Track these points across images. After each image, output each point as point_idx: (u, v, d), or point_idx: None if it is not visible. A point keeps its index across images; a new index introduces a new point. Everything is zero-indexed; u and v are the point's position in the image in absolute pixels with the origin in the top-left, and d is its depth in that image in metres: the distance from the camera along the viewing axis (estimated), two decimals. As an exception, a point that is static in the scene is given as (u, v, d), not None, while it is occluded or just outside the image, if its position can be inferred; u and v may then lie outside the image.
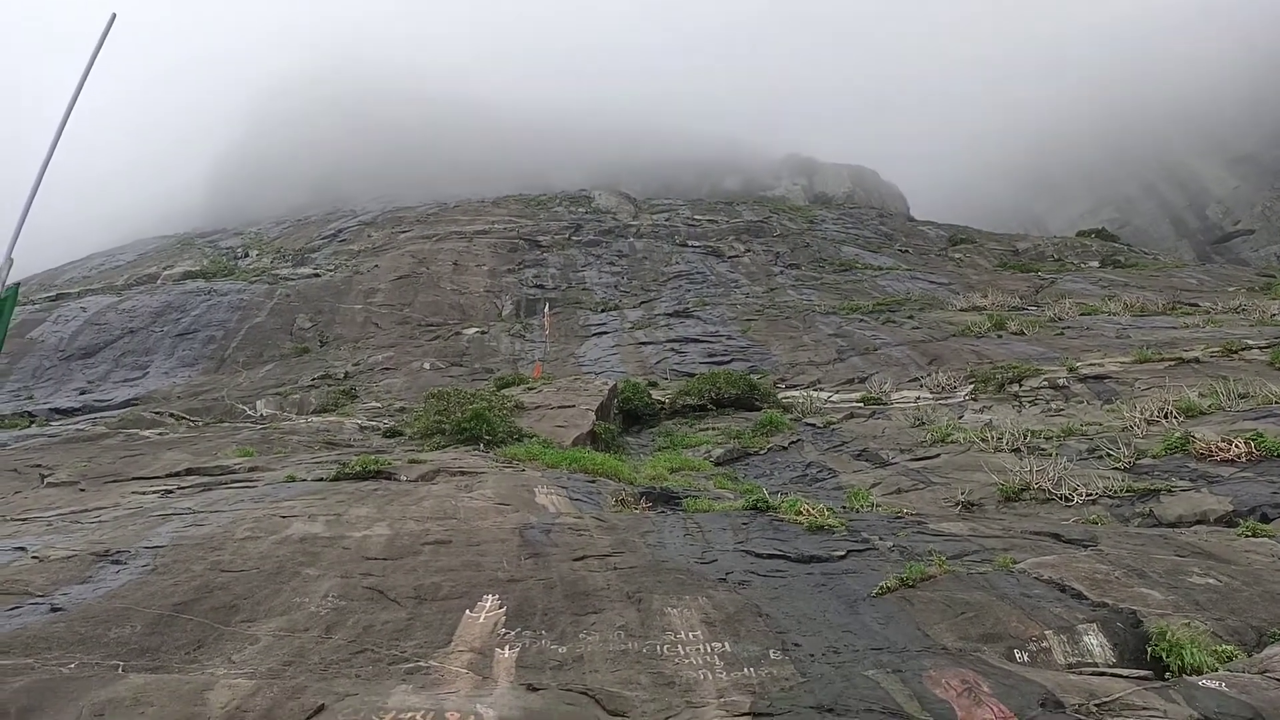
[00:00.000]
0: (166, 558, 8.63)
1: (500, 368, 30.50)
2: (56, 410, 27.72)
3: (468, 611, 7.26)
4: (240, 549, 8.94)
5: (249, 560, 8.56)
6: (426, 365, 31.77)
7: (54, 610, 7.30)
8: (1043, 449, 14.44)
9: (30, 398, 29.65)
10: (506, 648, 6.55)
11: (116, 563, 8.56)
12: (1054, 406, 17.90)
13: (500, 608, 7.33)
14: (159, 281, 45.46)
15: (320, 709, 5.44)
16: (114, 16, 3.69)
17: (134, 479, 14.29)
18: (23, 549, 9.11)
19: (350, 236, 53.83)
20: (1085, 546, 8.67)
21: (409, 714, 5.38)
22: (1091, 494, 11.62)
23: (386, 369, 31.91)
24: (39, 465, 15.79)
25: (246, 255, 52.96)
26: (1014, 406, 18.37)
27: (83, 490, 13.52)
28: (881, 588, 7.40)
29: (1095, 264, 47.18)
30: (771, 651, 6.27)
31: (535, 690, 5.86)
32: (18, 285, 2.99)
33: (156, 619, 7.03)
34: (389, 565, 8.50)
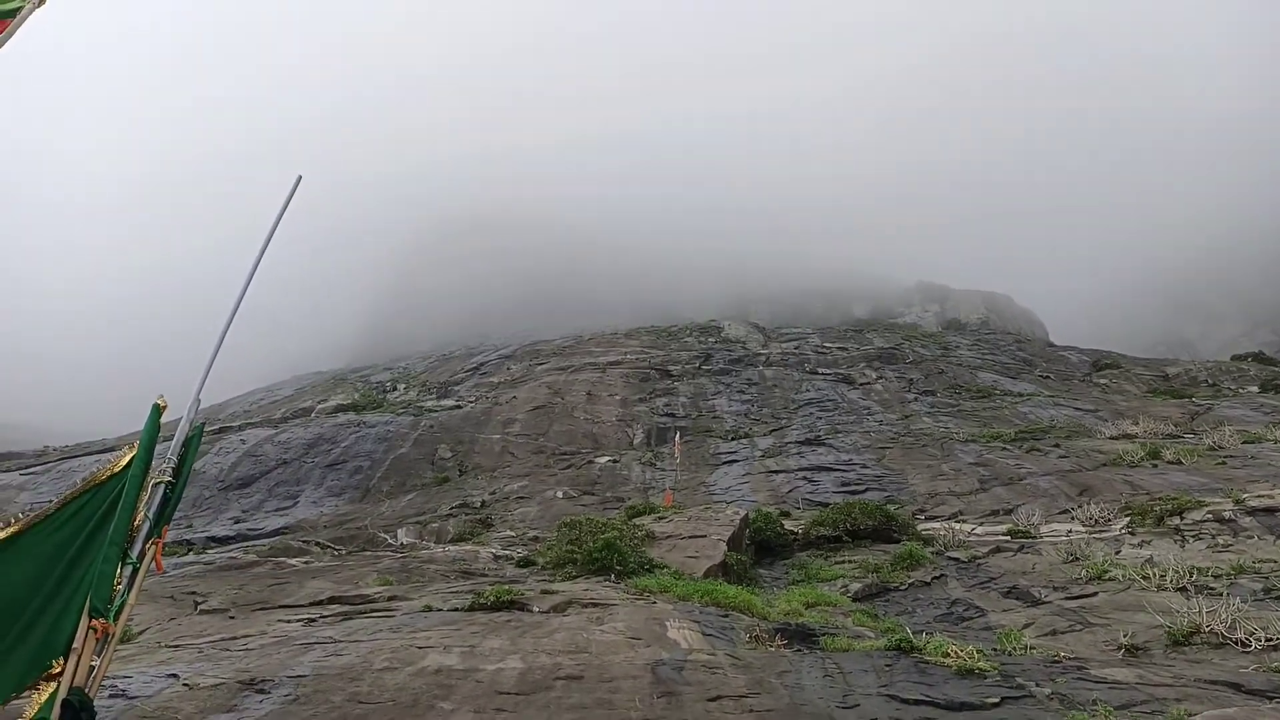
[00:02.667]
0: (308, 687, 8.88)
1: (631, 496, 30.58)
2: (213, 539, 29.46)
3: (599, 754, 7.08)
4: (378, 680, 9.10)
5: (385, 692, 8.69)
6: (559, 494, 32.21)
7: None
8: (1212, 588, 13.15)
9: (190, 526, 31.66)
10: (639, 793, 6.32)
11: (261, 692, 8.86)
12: (1221, 541, 16.37)
13: (632, 751, 7.12)
14: (313, 414, 48.47)
15: None
16: (299, 179, 4.15)
17: (280, 606, 14.89)
18: (175, 676, 9.57)
19: (491, 370, 56.22)
20: (1271, 699, 7.74)
21: None
22: (1272, 639, 10.43)
23: (521, 497, 32.53)
24: (194, 593, 16.70)
25: (395, 389, 55.99)
26: (1176, 541, 16.91)
27: (232, 618, 14.17)
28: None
29: (1255, 389, 43.81)
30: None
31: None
32: (203, 425, 3.30)
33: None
34: (521, 700, 8.45)
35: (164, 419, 3.36)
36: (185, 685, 9.06)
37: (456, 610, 13.12)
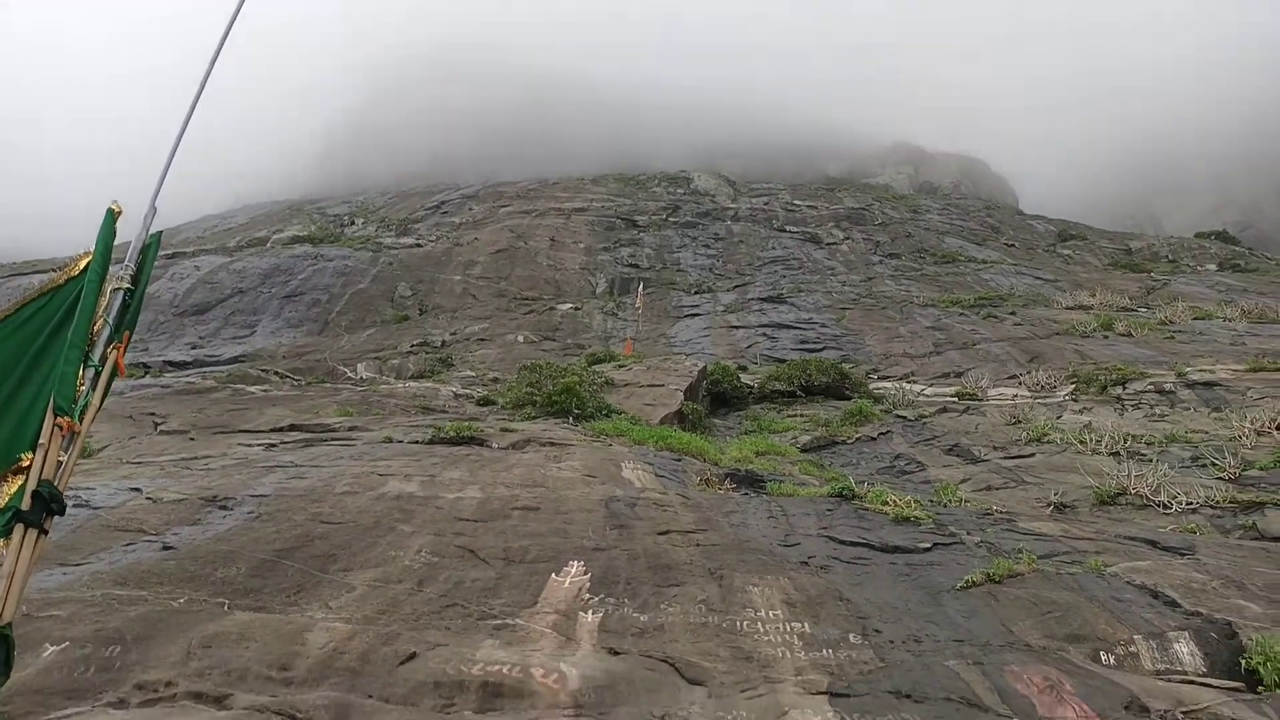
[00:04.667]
0: (270, 506, 9.10)
1: (592, 344, 30.82)
2: (170, 363, 29.35)
3: (554, 575, 7.44)
4: (339, 502, 9.35)
5: (347, 513, 8.95)
6: (520, 338, 32.36)
7: (165, 548, 7.80)
8: (1143, 454, 13.83)
9: (146, 350, 31.41)
10: (590, 612, 6.70)
11: (224, 508, 9.07)
12: (1158, 412, 17.08)
13: (585, 574, 7.48)
14: (268, 245, 47.46)
15: (412, 656, 5.68)
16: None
17: (240, 431, 15.04)
18: (138, 490, 9.74)
19: (452, 209, 55.05)
20: (1182, 555, 8.31)
21: (496, 667, 5.57)
22: (1192, 503, 11.10)
23: (482, 339, 32.64)
24: (153, 414, 16.75)
25: (353, 223, 54.76)
26: (1115, 410, 17.61)
27: (192, 439, 14.31)
28: (967, 581, 7.25)
29: (1213, 267, 44.59)
30: (851, 635, 6.24)
31: (616, 654, 5.98)
32: (160, 233, 3.20)
33: (260, 563, 7.44)
34: (479, 527, 8.77)
35: (119, 225, 3.26)
36: (149, 499, 9.23)
37: (417, 443, 13.38)
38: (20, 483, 2.61)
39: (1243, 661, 5.85)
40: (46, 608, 6.05)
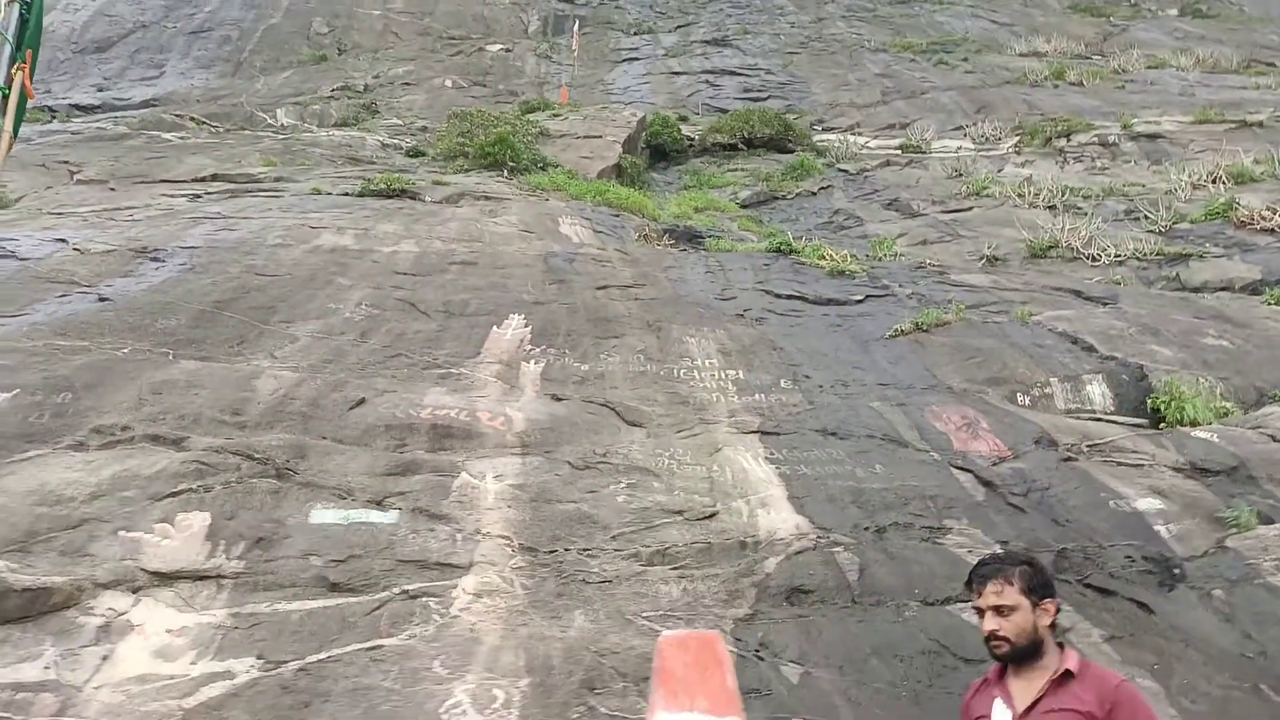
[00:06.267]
0: (203, 258, 8.88)
1: (525, 90, 29.38)
2: (76, 106, 27.22)
3: (495, 328, 7.57)
4: (273, 255, 9.16)
5: (282, 266, 8.81)
6: (448, 83, 30.59)
7: (101, 300, 7.64)
8: (1079, 208, 14.14)
9: (49, 91, 28.98)
10: (532, 362, 6.90)
11: (155, 260, 8.82)
12: (1100, 165, 17.30)
13: (526, 326, 7.62)
14: (167, -28, 42.77)
15: (361, 401, 5.85)
16: None
17: (161, 181, 14.33)
18: (63, 241, 9.35)
19: (367, -66, 49.72)
20: (1104, 304, 8.77)
21: (444, 411, 5.79)
22: (1120, 255, 11.54)
23: (407, 84, 30.80)
24: (66, 162, 15.78)
25: (257, -51, 49.30)
26: (1058, 162, 17.77)
27: (113, 190, 13.62)
28: (895, 330, 7.61)
29: (1174, 11, 43.37)
30: (782, 381, 6.59)
31: (559, 400, 6.25)
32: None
33: (199, 314, 7.37)
34: (418, 280, 8.74)
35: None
36: (76, 250, 8.90)
37: (347, 195, 12.95)
38: None
39: (1149, 401, 6.38)
40: (-17, 359, 5.99)
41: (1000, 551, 4.13)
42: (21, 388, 5.60)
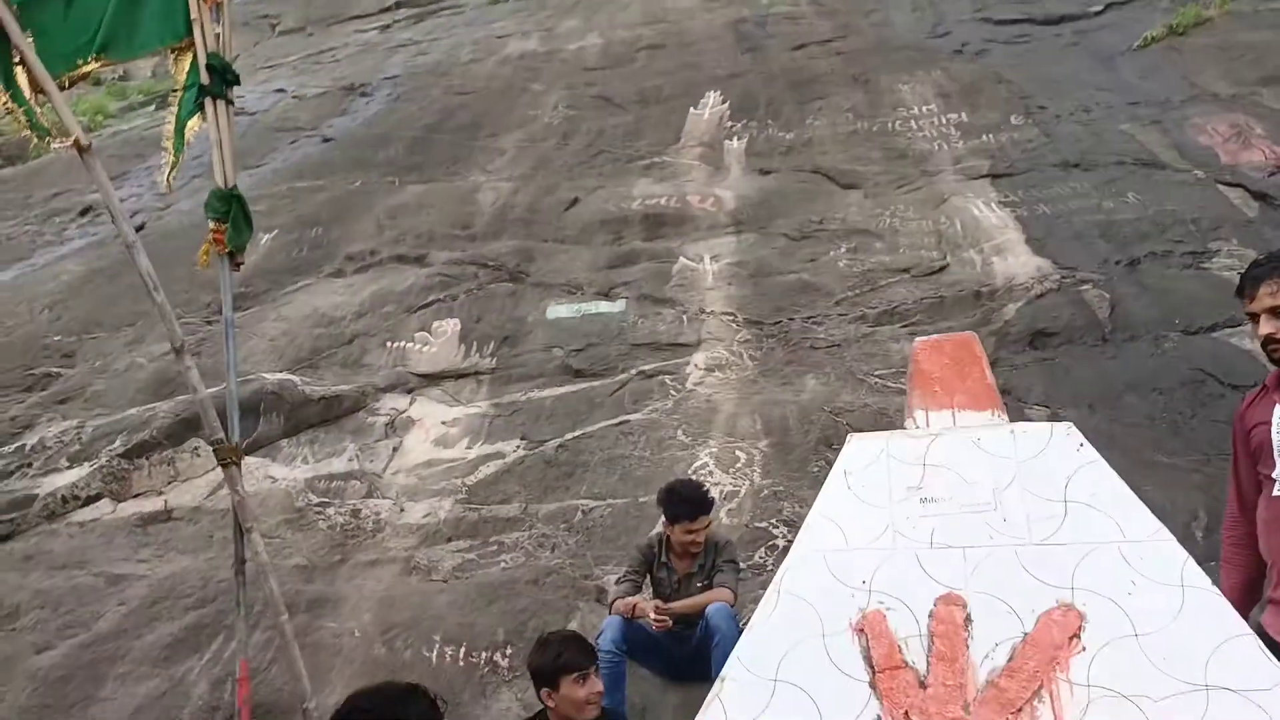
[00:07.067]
0: (405, 86, 9.17)
1: None
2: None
3: (691, 109, 7.35)
4: (467, 72, 9.28)
5: (478, 81, 8.93)
6: None
7: (325, 141, 8.17)
8: None
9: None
10: (734, 139, 6.68)
11: (364, 95, 9.22)
12: None
13: (723, 102, 7.34)
14: None
15: (575, 201, 6.00)
16: None
17: (352, 18, 14.73)
18: (282, 91, 9.97)
19: None
20: None
21: (654, 200, 5.82)
22: None
23: None
24: (266, 16, 16.53)
25: None
26: None
27: (310, 34, 14.19)
28: (1145, 39, 6.60)
29: None
30: (1013, 117, 5.99)
31: (767, 173, 6.07)
32: None
33: (413, 141, 7.70)
34: (608, 74, 8.58)
35: None
36: (295, 98, 9.49)
37: (525, -3, 12.72)
38: (189, 59, 2.68)
39: None
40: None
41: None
42: (279, 228, 6.21)
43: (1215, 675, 1.20)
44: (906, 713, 1.28)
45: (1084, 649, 1.27)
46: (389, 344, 5.05)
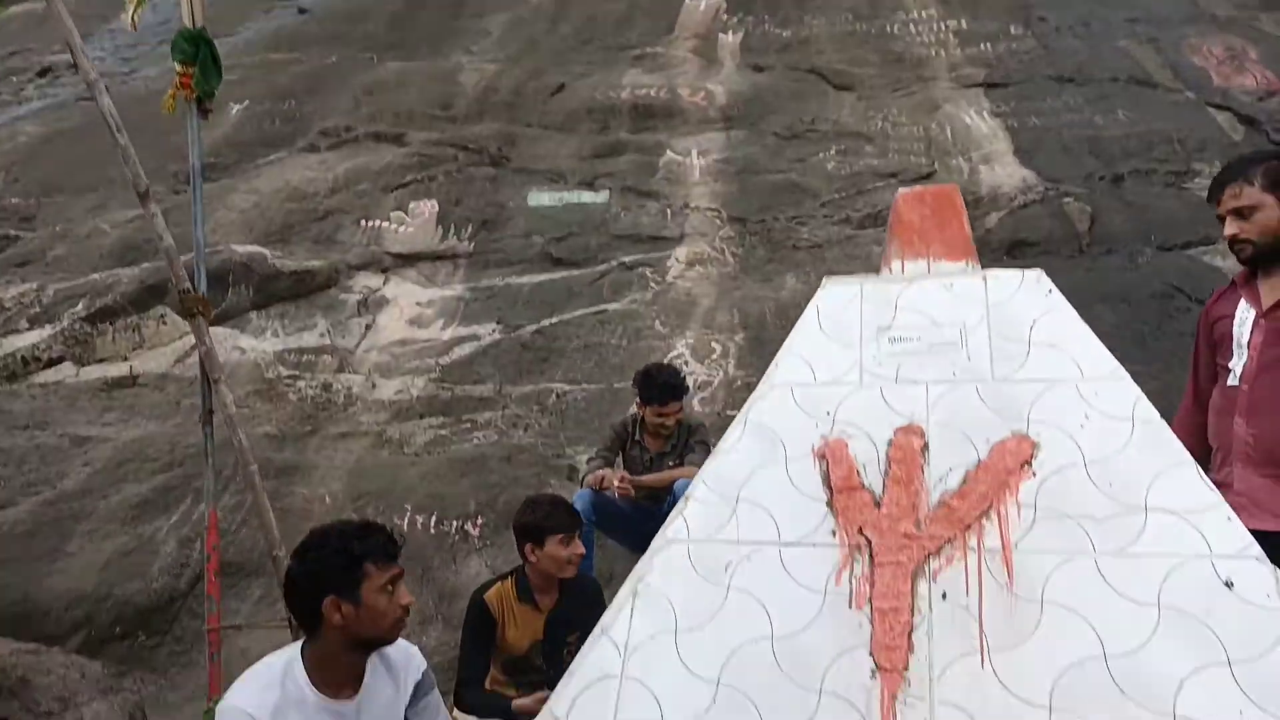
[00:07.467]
0: (387, -41, 8.76)
1: None
2: None
3: (687, 0, 7.11)
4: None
5: (464, -42, 8.54)
6: None
7: (301, 11, 7.83)
8: None
9: None
10: (730, 33, 6.49)
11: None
12: None
13: (719, -6, 7.10)
14: None
15: (561, 87, 5.82)
16: None
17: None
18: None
19: None
20: None
21: (644, 90, 5.66)
22: None
23: None
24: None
25: None
26: None
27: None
28: (1152, -44, 6.44)
29: None
30: (1012, 26, 5.86)
31: (761, 70, 5.92)
32: None
33: (394, 16, 7.39)
34: (601, -42, 8.24)
35: None
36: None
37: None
38: None
39: None
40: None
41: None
42: (250, 99, 5.98)
43: (1156, 498, 1.26)
44: (861, 528, 1.34)
45: (1034, 475, 1.32)
46: (363, 222, 4.94)
